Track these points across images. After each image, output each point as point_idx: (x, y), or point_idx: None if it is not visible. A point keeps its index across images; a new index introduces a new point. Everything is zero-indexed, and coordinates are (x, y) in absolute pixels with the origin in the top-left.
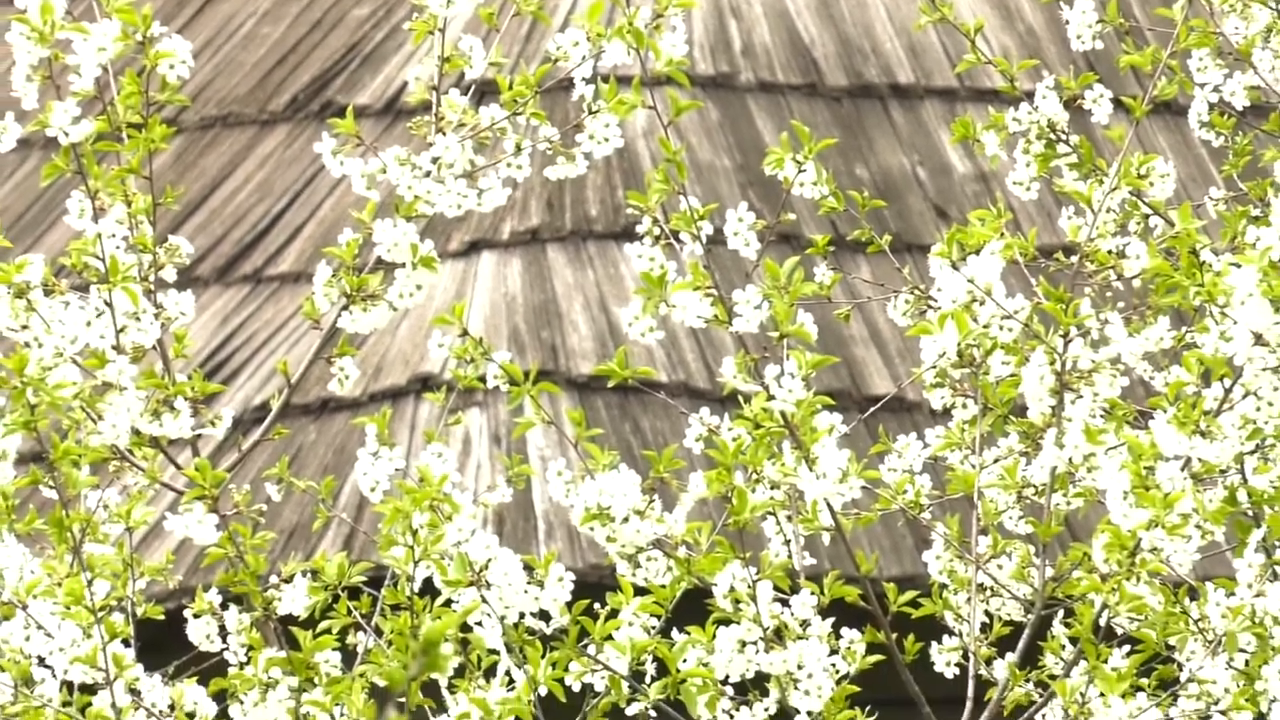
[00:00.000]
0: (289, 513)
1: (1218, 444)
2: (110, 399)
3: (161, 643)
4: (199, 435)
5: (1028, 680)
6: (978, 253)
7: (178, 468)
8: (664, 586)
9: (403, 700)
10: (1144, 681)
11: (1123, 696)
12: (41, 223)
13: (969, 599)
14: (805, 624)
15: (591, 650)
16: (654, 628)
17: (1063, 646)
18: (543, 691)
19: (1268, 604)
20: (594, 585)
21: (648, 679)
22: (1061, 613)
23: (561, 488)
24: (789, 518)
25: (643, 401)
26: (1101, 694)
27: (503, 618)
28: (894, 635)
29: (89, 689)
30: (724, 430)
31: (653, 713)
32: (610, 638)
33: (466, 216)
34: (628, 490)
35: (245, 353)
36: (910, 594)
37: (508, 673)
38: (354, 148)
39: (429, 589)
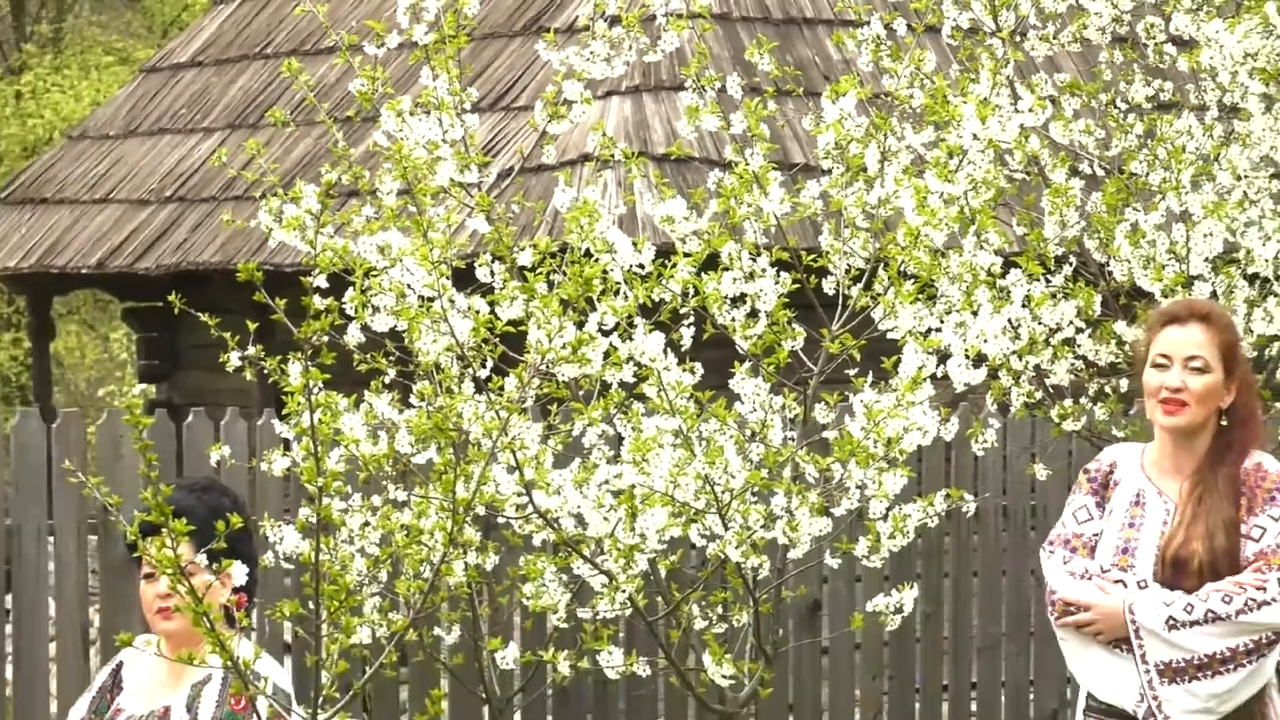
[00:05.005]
0: (523, 218)
1: (957, 185)
2: (440, 164)
3: (463, 278)
4: (481, 181)
5: (867, 295)
6: (844, 96)
7: (469, 195)
8: (698, 252)
9: (574, 305)
10: (920, 297)
11: (910, 304)
12: (410, 82)
13: (840, 256)
14: (764, 270)
15: (664, 281)
16: (693, 271)
17: (882, 280)
18: (641, 302)
19: (978, 260)
20: (665, 252)
21: (690, 296)
22: (883, 264)
23: (650, 205)
24: (755, 218)
25: (687, 166)
26: (900, 302)
27: (622, 266)
28: (805, 275)
29: (429, 300)
30: (725, 179)
31: (692, 314)
32: (673, 276)
33: (605, 79)
34: (680, 207)
35: (502, 143)
36: (812, 255)
37: (624, 294)
38: (553, 47)
39: (588, 253)
